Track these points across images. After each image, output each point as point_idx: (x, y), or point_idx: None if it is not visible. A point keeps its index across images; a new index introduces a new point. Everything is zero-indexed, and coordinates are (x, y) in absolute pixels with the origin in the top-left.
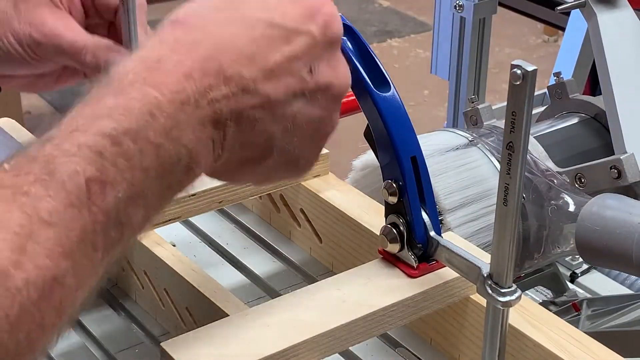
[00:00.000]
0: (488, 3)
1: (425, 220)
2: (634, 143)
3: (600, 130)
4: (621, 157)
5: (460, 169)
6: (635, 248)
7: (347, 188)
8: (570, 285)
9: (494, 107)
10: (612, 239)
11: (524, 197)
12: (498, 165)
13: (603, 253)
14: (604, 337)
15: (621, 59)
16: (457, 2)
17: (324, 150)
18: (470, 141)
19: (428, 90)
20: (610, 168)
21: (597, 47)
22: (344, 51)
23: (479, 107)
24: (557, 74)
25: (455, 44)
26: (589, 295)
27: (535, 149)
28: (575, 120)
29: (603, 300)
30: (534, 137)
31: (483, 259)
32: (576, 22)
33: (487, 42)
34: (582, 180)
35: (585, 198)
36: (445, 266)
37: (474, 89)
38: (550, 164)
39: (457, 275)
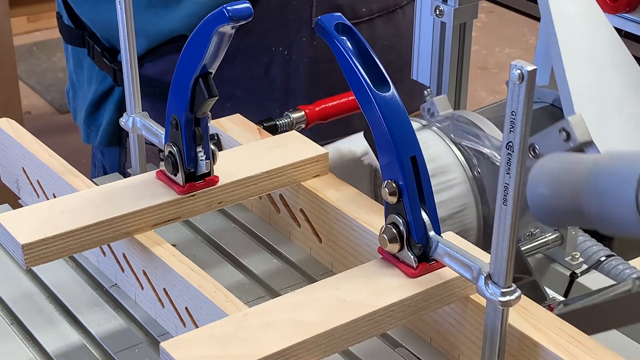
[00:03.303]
0: (468, 7)
1: (425, 220)
2: (583, 106)
3: (557, 114)
4: (569, 118)
5: None
6: (584, 195)
7: (347, 188)
8: (550, 293)
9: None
10: (560, 191)
11: (478, 172)
12: (451, 144)
13: (555, 209)
14: (574, 317)
15: (570, 23)
16: (437, 6)
17: (324, 150)
18: (424, 125)
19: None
20: (559, 132)
21: (545, 13)
22: (344, 51)
23: (434, 99)
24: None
25: (436, 49)
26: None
27: (492, 130)
28: (533, 108)
29: (578, 299)
30: (493, 124)
31: (482, 259)
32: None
33: (469, 47)
34: (536, 150)
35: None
36: (444, 266)
37: (455, 94)
38: None
39: (457, 275)
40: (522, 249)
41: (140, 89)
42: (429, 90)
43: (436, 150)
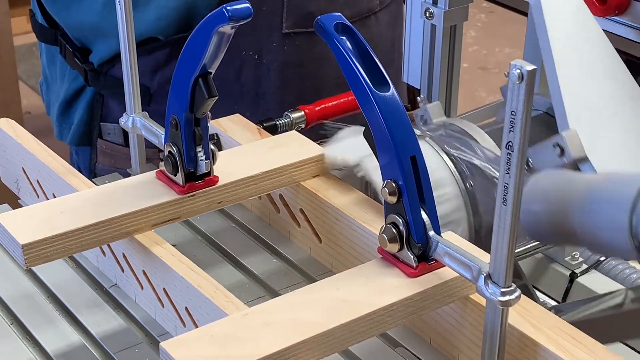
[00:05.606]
0: (458, 10)
1: (425, 220)
2: (577, 121)
3: (551, 123)
4: (563, 134)
5: None
6: (577, 218)
7: (347, 188)
8: (540, 296)
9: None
10: (553, 211)
11: (471, 184)
12: (444, 156)
13: (547, 229)
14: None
15: (564, 37)
16: (427, 9)
17: (323, 151)
18: (418, 136)
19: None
20: (554, 146)
21: (540, 25)
22: (344, 51)
23: (428, 106)
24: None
25: (426, 52)
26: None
27: (485, 141)
28: None
29: (569, 306)
30: (486, 132)
31: (482, 259)
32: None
33: (459, 50)
34: (529, 164)
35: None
36: (444, 266)
37: (446, 96)
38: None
39: (457, 275)
40: (522, 248)
41: (112, 89)
42: (422, 97)
43: (429, 163)
